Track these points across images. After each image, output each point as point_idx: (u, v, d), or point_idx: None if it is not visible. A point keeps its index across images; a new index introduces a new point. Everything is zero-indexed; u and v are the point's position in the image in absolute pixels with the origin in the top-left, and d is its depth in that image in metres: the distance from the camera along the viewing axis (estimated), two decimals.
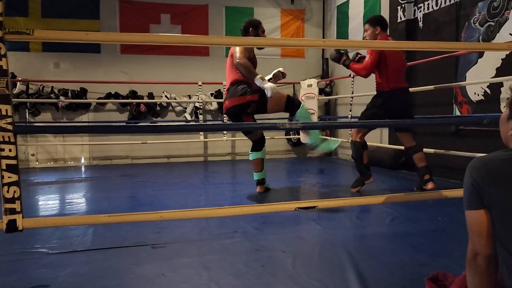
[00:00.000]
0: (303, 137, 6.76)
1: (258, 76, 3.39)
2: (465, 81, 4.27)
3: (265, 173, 3.97)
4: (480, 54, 4.12)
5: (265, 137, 3.99)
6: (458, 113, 4.42)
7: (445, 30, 4.63)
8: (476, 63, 4.17)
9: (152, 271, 2.00)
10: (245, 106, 3.57)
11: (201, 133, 6.88)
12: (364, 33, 3.84)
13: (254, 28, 3.76)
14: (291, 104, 3.59)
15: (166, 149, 6.97)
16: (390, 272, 1.96)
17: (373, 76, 3.83)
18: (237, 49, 3.48)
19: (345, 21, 6.93)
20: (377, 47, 3.41)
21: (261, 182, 3.97)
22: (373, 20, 3.76)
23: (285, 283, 1.83)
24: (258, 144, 3.91)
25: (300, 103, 3.65)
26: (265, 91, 3.37)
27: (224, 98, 3.73)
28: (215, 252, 2.28)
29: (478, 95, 4.16)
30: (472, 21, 4.22)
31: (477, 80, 4.07)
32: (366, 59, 3.65)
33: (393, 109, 3.68)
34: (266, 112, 3.68)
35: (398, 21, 5.34)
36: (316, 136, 3.68)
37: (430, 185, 3.74)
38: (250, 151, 3.94)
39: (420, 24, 5.04)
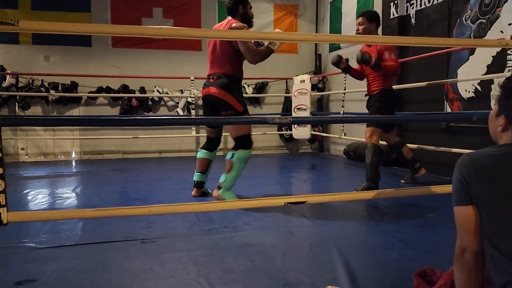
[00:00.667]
0: (295, 133, 6.76)
1: (270, 49, 3.25)
2: (456, 78, 4.28)
3: (206, 177, 3.60)
4: (471, 51, 4.14)
5: (258, 133, 3.76)
6: (449, 110, 4.44)
7: (437, 27, 4.64)
8: (468, 60, 4.18)
9: (141, 266, 1.99)
10: (229, 108, 3.28)
11: (193, 128, 6.84)
12: (357, 26, 3.70)
13: (243, 4, 3.48)
14: (243, 141, 3.35)
15: (158, 144, 6.93)
16: (380, 267, 1.97)
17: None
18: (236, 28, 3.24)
19: (338, 16, 6.92)
20: (370, 42, 3.40)
21: (199, 184, 3.58)
22: (370, 16, 3.65)
23: (274, 278, 1.83)
24: (212, 144, 3.61)
25: (249, 148, 3.38)
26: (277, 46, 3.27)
27: (208, 83, 3.35)
28: (204, 247, 2.27)
29: (469, 92, 4.18)
30: (464, 18, 4.23)
31: (468, 77, 4.08)
32: (386, 57, 3.48)
33: (395, 106, 3.78)
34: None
35: (390, 17, 5.35)
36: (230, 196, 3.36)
37: (423, 171, 3.96)
38: (199, 149, 3.65)
39: (413, 20, 5.04)
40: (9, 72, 6.12)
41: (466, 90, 4.22)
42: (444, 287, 1.51)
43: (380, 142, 3.81)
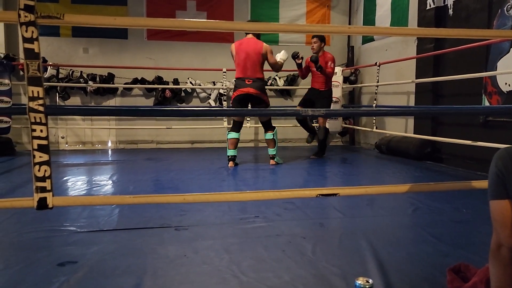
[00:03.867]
0: (334, 126, 6.73)
1: (283, 62, 4.79)
2: (496, 70, 4.13)
3: (236, 151, 4.80)
4: None
5: (289, 125, 4.29)
6: (487, 104, 4.29)
7: (476, 17, 4.48)
8: (508, 52, 4.03)
9: (175, 252, 2.05)
10: (263, 103, 4.65)
11: (225, 119, 6.92)
12: (312, 44, 5.22)
13: None
14: (269, 123, 4.85)
15: (190, 134, 7.07)
16: (411, 261, 1.96)
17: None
18: (269, 53, 4.58)
19: (372, 8, 6.79)
20: (404, 34, 3.34)
21: (233, 158, 4.77)
22: (321, 37, 5.18)
23: (305, 268, 1.85)
24: (240, 126, 4.80)
25: (274, 128, 4.87)
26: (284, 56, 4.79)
27: (245, 84, 4.56)
28: (236, 236, 2.32)
29: (509, 85, 4.03)
30: (505, 8, 4.06)
31: (508, 70, 3.93)
32: (328, 65, 5.19)
33: None
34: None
35: (427, 8, 5.20)
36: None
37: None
38: (229, 131, 4.78)
39: (450, 11, 4.89)
40: (50, 63, 6.37)
41: (506, 84, 4.06)
42: (479, 284, 1.49)
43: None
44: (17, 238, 2.27)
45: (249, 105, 4.68)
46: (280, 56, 4.78)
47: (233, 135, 4.71)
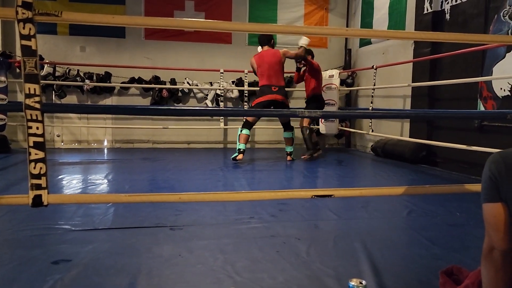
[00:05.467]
0: (322, 128, 6.73)
1: (304, 47, 5.16)
2: (491, 75, 4.17)
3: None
4: (509, 49, 4.01)
5: None
6: (482, 109, 4.32)
7: (472, 23, 4.51)
8: (504, 57, 4.06)
9: (170, 252, 2.05)
10: (285, 107, 5.16)
11: (221, 120, 6.92)
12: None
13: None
14: (289, 124, 5.44)
15: (186, 134, 7.06)
16: (405, 264, 1.97)
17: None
18: (287, 53, 5.06)
19: (370, 11, 6.81)
20: (402, 38, 3.36)
21: (243, 151, 5.05)
22: (309, 50, 5.41)
23: (299, 269, 1.86)
24: (252, 126, 5.23)
25: (293, 128, 5.48)
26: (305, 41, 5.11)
27: (271, 91, 5.03)
28: (231, 236, 2.32)
29: (504, 90, 4.06)
30: (501, 14, 4.10)
31: (504, 75, 3.96)
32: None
33: None
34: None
35: (424, 12, 5.23)
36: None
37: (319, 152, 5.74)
38: (242, 128, 5.12)
39: (447, 16, 4.92)
40: (47, 61, 6.35)
41: (501, 89, 4.10)
42: (471, 286, 1.50)
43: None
44: (11, 235, 2.26)
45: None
46: (301, 42, 5.12)
47: (246, 131, 5.08)
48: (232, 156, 5.10)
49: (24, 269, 1.80)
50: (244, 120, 5.24)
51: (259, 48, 5.30)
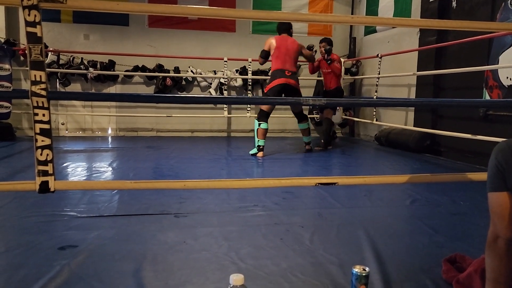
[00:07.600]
0: (334, 118, 6.71)
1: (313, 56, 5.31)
2: (497, 64, 4.13)
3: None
4: None
5: (289, 116, 4.78)
6: (488, 98, 4.29)
7: (479, 10, 4.46)
8: (511, 46, 4.02)
9: (174, 238, 2.07)
10: (298, 93, 4.97)
11: (225, 108, 6.91)
12: (320, 48, 5.49)
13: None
14: (303, 114, 5.31)
15: (190, 123, 7.07)
16: (408, 252, 1.98)
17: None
18: (304, 49, 5.06)
19: None
20: (408, 25, 3.33)
21: (262, 148, 4.89)
22: (328, 40, 5.54)
23: (303, 256, 1.87)
24: (269, 116, 4.96)
25: (308, 119, 5.41)
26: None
27: (285, 75, 4.84)
28: (235, 224, 2.34)
29: (510, 79, 4.03)
30: (509, 2, 4.04)
31: (510, 64, 3.93)
32: (335, 64, 5.45)
33: None
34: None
35: (430, 0, 5.17)
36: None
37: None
38: (261, 122, 4.86)
39: (454, 4, 4.86)
40: (51, 49, 6.34)
41: (507, 78, 4.06)
42: (474, 274, 1.51)
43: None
44: (18, 222, 2.29)
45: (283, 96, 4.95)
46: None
47: (265, 125, 4.86)
48: (251, 152, 4.91)
49: (31, 254, 1.82)
50: (260, 110, 4.98)
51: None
